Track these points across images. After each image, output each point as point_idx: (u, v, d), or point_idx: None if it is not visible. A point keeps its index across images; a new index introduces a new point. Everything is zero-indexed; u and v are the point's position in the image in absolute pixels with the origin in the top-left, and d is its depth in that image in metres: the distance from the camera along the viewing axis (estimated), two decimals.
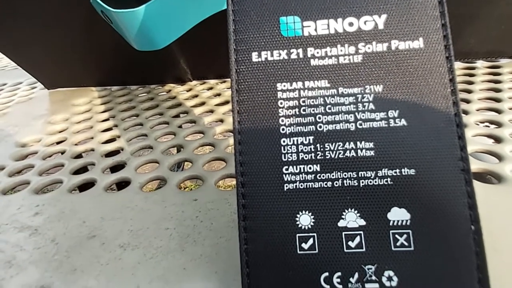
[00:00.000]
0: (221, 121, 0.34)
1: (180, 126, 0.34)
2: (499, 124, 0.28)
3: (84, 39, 0.39)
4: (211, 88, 0.43)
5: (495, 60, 0.41)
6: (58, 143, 0.34)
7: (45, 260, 0.19)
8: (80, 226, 0.21)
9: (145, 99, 0.42)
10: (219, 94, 0.41)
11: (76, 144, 0.33)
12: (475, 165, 0.23)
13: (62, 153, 0.31)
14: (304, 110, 0.14)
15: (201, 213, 0.21)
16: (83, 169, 0.29)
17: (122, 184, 0.26)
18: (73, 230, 0.21)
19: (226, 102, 0.38)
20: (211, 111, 0.37)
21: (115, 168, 0.28)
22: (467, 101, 0.32)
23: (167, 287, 0.16)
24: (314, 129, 0.14)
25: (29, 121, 0.39)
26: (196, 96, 0.41)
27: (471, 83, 0.36)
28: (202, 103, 0.39)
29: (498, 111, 0.30)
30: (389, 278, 0.13)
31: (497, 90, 0.34)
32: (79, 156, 0.31)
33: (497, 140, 0.26)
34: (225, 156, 0.28)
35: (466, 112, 0.30)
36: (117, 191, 0.25)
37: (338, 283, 0.13)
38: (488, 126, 0.28)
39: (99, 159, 0.29)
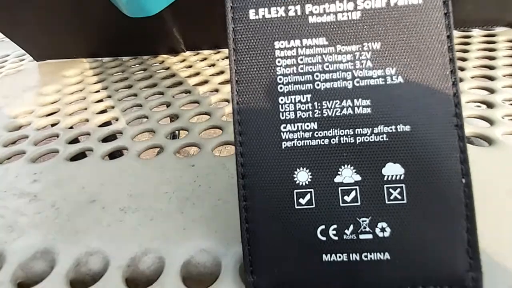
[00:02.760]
0: (217, 91, 0.34)
1: (174, 96, 0.34)
2: (492, 91, 0.28)
3: (74, 8, 0.37)
4: (205, 59, 0.42)
5: (491, 29, 0.41)
6: (50, 114, 0.33)
7: (46, 224, 0.19)
8: (80, 191, 0.21)
9: (138, 70, 0.41)
10: (213, 65, 0.40)
11: (69, 115, 0.32)
12: (468, 129, 0.24)
13: (56, 124, 0.31)
14: (301, 69, 0.14)
15: (199, 177, 0.22)
16: (78, 139, 0.29)
17: (118, 155, 0.26)
18: (73, 195, 0.21)
19: (221, 72, 0.38)
20: (206, 81, 0.36)
21: (110, 139, 0.28)
22: (462, 69, 0.32)
23: (168, 246, 0.17)
24: (311, 87, 0.14)
25: (19, 93, 0.38)
26: (190, 66, 0.40)
27: (466, 51, 0.36)
28: (197, 74, 0.38)
29: (492, 78, 0.30)
30: (382, 229, 0.13)
31: (492, 58, 0.34)
32: (73, 126, 0.31)
33: (489, 105, 0.26)
34: (222, 124, 0.28)
35: (460, 79, 0.30)
36: (115, 159, 0.25)
37: (333, 234, 0.14)
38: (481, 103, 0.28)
39: (94, 129, 0.29)
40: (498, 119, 0.24)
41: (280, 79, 0.14)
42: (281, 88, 0.14)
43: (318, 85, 0.14)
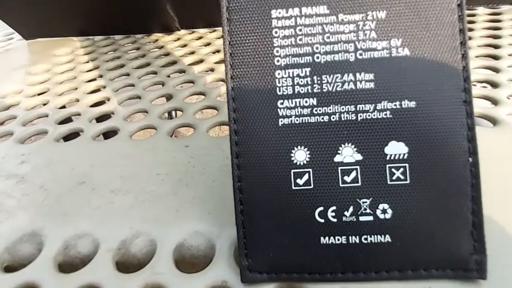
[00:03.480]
0: (212, 70, 0.33)
1: (169, 76, 0.33)
2: (496, 70, 0.27)
3: None
4: (201, 38, 0.41)
5: (496, 7, 0.39)
6: (40, 94, 0.32)
7: (34, 206, 0.19)
8: (69, 173, 0.21)
9: (130, 49, 0.40)
10: (209, 44, 0.39)
11: (59, 95, 0.31)
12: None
13: (45, 104, 0.30)
14: (300, 40, 0.13)
15: (193, 159, 0.21)
16: (68, 120, 0.28)
17: (110, 136, 0.25)
18: (62, 177, 0.20)
19: (217, 51, 0.37)
20: (201, 61, 0.35)
21: (101, 120, 0.27)
22: None
23: (160, 228, 0.16)
24: (311, 60, 0.13)
25: (8, 72, 0.37)
26: (185, 45, 0.39)
27: (471, 30, 0.35)
28: (192, 53, 0.37)
29: (497, 58, 0.29)
30: (384, 211, 0.13)
31: (497, 37, 0.33)
32: (63, 107, 0.30)
33: (494, 85, 0.25)
34: (217, 104, 0.27)
35: None
36: (106, 140, 0.24)
37: (332, 216, 0.13)
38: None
39: (84, 109, 0.28)
40: (503, 99, 0.23)
41: (277, 51, 0.13)
42: (278, 61, 0.13)
43: (318, 58, 0.13)
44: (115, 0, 0.36)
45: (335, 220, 0.13)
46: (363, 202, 0.13)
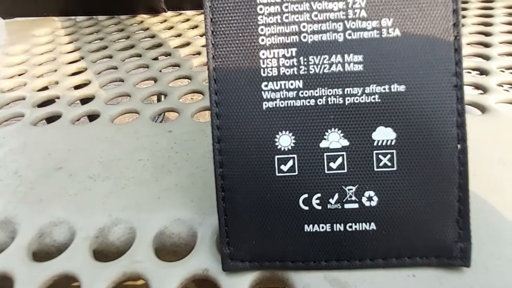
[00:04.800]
0: (199, 53, 0.32)
1: (154, 59, 0.32)
2: (487, 58, 0.27)
3: None
4: (188, 20, 0.39)
5: None
6: (18, 76, 0.30)
7: (8, 192, 0.18)
8: (46, 158, 0.20)
9: (114, 30, 0.38)
10: (196, 26, 0.38)
11: (38, 77, 0.30)
12: None
13: (23, 86, 0.28)
14: (286, 18, 0.12)
15: (177, 144, 0.20)
16: (47, 103, 0.26)
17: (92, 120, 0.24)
18: (38, 162, 0.20)
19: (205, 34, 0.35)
20: (188, 43, 0.34)
21: (83, 103, 0.26)
22: None
23: (140, 215, 0.16)
24: (297, 40, 0.12)
25: None
26: (171, 28, 0.38)
27: (463, 16, 0.34)
28: (178, 35, 0.36)
29: (488, 45, 0.29)
30: (369, 198, 0.12)
31: (489, 24, 0.32)
32: (42, 89, 0.28)
33: (484, 73, 0.25)
34: (203, 88, 0.26)
35: None
36: (86, 124, 0.23)
37: (317, 204, 0.13)
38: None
39: (64, 91, 0.27)
40: (493, 87, 0.23)
41: (262, 30, 0.12)
42: (262, 40, 0.12)
43: (305, 37, 0.12)
44: None
45: (319, 207, 0.13)
46: (348, 189, 0.13)
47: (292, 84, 0.12)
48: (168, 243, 0.15)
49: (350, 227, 0.13)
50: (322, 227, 0.13)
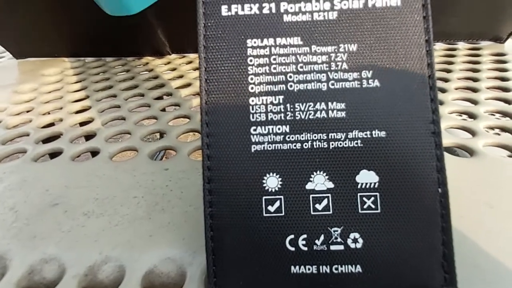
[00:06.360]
0: (199, 94, 0.33)
1: (156, 99, 0.33)
2: (475, 102, 0.28)
3: (55, 6, 0.36)
4: (190, 62, 0.42)
5: (476, 42, 0.41)
6: (24, 112, 0.32)
7: (3, 228, 0.18)
8: (43, 194, 0.20)
9: (120, 71, 0.40)
10: (198, 68, 0.39)
11: (43, 114, 0.31)
12: (449, 140, 0.23)
13: (28, 122, 0.30)
14: (274, 68, 0.13)
15: (172, 182, 0.21)
16: (51, 139, 0.27)
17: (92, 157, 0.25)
18: (35, 198, 0.20)
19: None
20: (189, 84, 0.35)
21: (85, 139, 0.27)
22: (446, 80, 0.32)
23: (132, 253, 0.16)
24: (284, 88, 0.13)
25: None
26: (174, 69, 0.40)
27: (451, 63, 0.36)
28: (180, 76, 0.37)
29: (475, 90, 0.30)
30: (355, 240, 0.13)
31: (476, 70, 0.34)
32: (46, 126, 0.29)
33: (472, 116, 0.26)
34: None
35: (444, 90, 0.30)
36: (85, 161, 0.23)
37: (303, 245, 0.13)
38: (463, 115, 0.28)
39: (67, 129, 0.28)
40: (480, 130, 0.24)
41: (252, 79, 0.13)
42: (252, 88, 0.13)
43: (291, 86, 0.13)
44: (107, 22, 0.37)
45: (305, 248, 0.13)
46: (334, 231, 0.13)
47: (279, 129, 0.13)
48: (157, 282, 0.15)
49: (336, 269, 0.13)
50: (309, 269, 0.13)
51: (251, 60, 0.13)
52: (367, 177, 0.13)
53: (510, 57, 0.36)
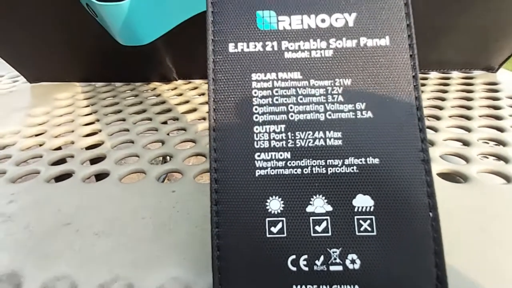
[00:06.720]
0: (204, 119, 0.35)
1: (163, 123, 0.34)
2: (468, 130, 0.29)
3: (68, 33, 0.39)
4: (196, 88, 0.43)
5: (469, 72, 0.43)
6: (37, 135, 0.33)
7: (17, 246, 0.19)
8: (55, 214, 0.21)
9: (129, 95, 0.42)
10: (203, 94, 0.41)
11: (55, 137, 0.32)
12: (444, 166, 0.24)
13: (41, 145, 0.31)
14: (276, 100, 0.15)
15: (179, 203, 0.22)
16: (62, 161, 0.29)
17: (100, 177, 0.26)
18: (48, 218, 0.21)
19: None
20: (195, 110, 0.37)
21: (94, 162, 0.28)
22: (441, 108, 0.34)
23: (139, 273, 0.17)
24: (286, 118, 0.15)
25: (8, 113, 0.38)
26: (180, 94, 0.41)
27: (445, 91, 0.38)
28: (186, 102, 0.39)
29: (469, 118, 0.31)
30: (353, 261, 0.14)
31: (469, 99, 0.35)
32: (58, 148, 0.31)
33: (466, 143, 0.27)
34: (206, 151, 0.28)
35: (439, 118, 0.32)
36: (95, 183, 0.25)
37: (304, 265, 0.14)
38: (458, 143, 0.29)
39: (78, 151, 0.29)
40: (474, 157, 0.25)
41: (256, 109, 0.15)
42: (256, 117, 0.15)
43: (292, 116, 0.15)
44: (118, 51, 0.39)
45: (306, 268, 0.14)
46: (333, 252, 0.14)
47: (281, 155, 0.14)
48: None
49: None
50: None
51: (255, 92, 0.15)
52: (363, 201, 0.14)
53: (501, 86, 0.38)
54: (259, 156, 0.14)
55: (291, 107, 0.15)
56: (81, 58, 0.43)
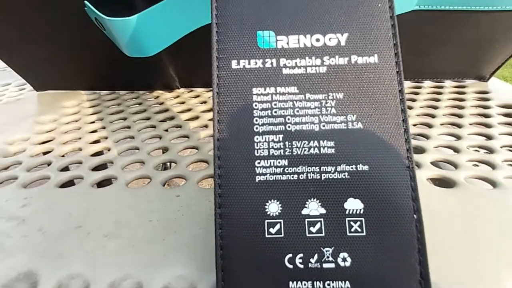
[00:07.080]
0: (206, 126, 0.36)
1: (166, 130, 0.36)
2: (458, 137, 0.31)
3: (75, 44, 0.40)
4: (197, 96, 0.45)
5: (461, 81, 0.44)
6: (45, 142, 0.35)
7: (32, 247, 0.20)
8: (67, 217, 0.22)
9: (133, 103, 0.43)
10: (205, 102, 0.43)
11: (63, 144, 0.34)
12: (434, 172, 0.26)
13: (50, 151, 0.32)
14: (275, 112, 0.16)
15: (183, 207, 0.23)
16: (70, 168, 0.30)
17: (108, 184, 0.27)
18: (60, 220, 0.22)
19: (212, 110, 0.40)
20: (197, 117, 0.38)
21: (101, 168, 0.30)
22: (433, 116, 0.35)
23: (147, 271, 0.18)
24: (283, 129, 0.16)
25: (17, 120, 0.40)
26: (183, 102, 0.43)
27: (438, 100, 0.39)
28: (189, 110, 0.41)
29: (459, 126, 0.33)
30: (344, 259, 0.15)
31: (461, 107, 0.37)
32: (66, 155, 0.32)
33: (456, 150, 0.29)
34: (208, 158, 0.29)
35: (430, 126, 0.33)
36: (104, 188, 0.26)
37: (300, 263, 0.15)
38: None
39: (86, 158, 0.30)
40: (463, 163, 0.26)
41: (256, 120, 0.16)
42: (256, 128, 0.16)
43: (289, 127, 0.16)
44: (123, 61, 0.40)
45: (302, 266, 0.15)
46: (326, 251, 0.15)
47: (279, 162, 0.16)
48: None
49: (329, 284, 0.15)
50: (305, 284, 0.15)
51: (256, 105, 0.16)
52: (353, 204, 0.15)
53: (492, 95, 0.39)
54: (259, 163, 0.16)
55: (288, 119, 0.16)
56: (87, 68, 0.44)
